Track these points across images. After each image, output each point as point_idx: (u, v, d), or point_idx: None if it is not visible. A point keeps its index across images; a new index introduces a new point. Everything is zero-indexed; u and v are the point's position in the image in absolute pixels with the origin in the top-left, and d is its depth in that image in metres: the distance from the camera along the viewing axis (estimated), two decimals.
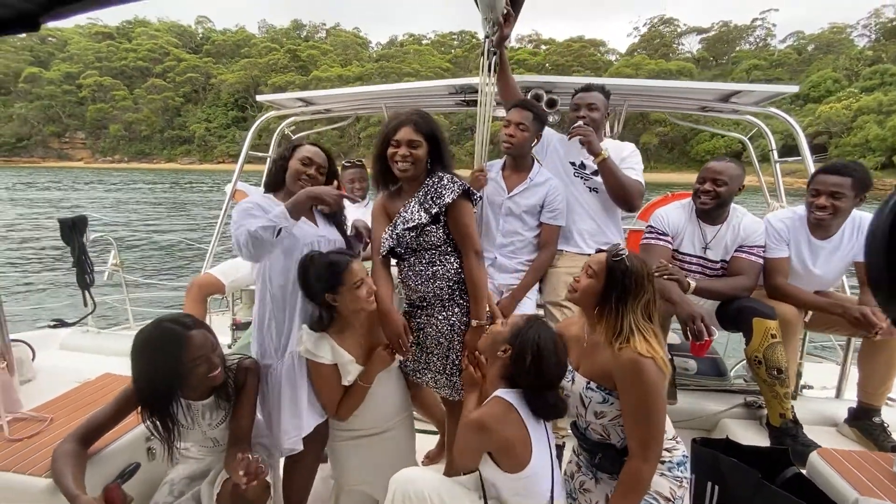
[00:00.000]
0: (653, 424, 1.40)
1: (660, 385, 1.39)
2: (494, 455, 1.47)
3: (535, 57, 75.53)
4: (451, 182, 1.79)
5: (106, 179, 44.50)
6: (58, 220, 3.49)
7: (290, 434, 1.81)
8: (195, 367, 1.57)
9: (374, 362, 1.82)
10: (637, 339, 1.41)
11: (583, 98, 2.45)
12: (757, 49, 71.05)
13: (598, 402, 1.51)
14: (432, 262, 1.84)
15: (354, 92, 3.36)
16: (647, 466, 1.41)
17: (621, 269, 1.45)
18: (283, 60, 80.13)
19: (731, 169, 2.25)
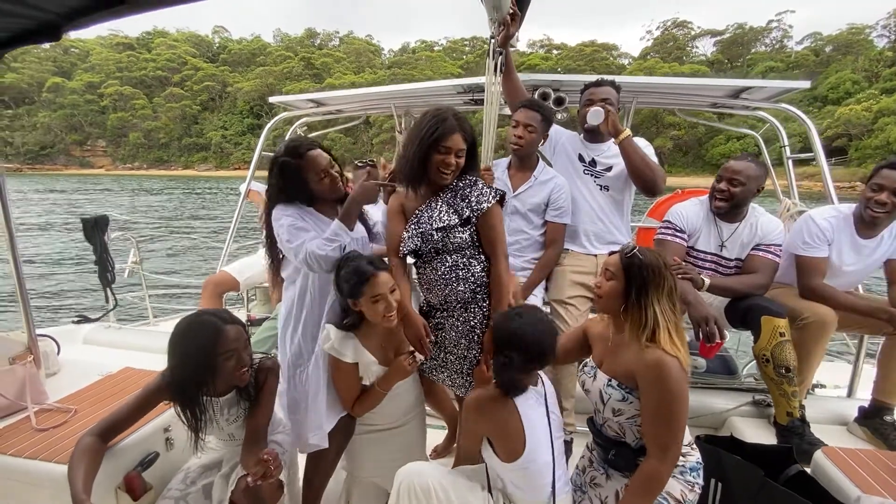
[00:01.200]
0: (674, 426, 1.39)
1: (683, 386, 1.38)
2: (491, 440, 1.51)
3: (546, 62, 75.41)
4: (488, 188, 1.81)
5: (125, 185, 45.58)
6: (80, 219, 3.61)
7: (316, 431, 1.84)
8: (226, 360, 1.61)
9: (393, 372, 1.82)
10: (663, 334, 1.41)
11: (595, 93, 2.46)
12: (773, 51, 69.95)
13: (617, 399, 1.50)
14: (455, 264, 1.83)
15: (364, 93, 3.43)
16: (665, 468, 1.40)
17: (637, 263, 1.46)
18: (298, 68, 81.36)
19: (751, 169, 2.21)
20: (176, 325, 1.64)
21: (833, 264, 2.30)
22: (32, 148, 77.32)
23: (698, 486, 1.48)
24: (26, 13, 1.48)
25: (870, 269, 2.32)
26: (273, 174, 1.84)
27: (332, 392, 1.88)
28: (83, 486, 1.45)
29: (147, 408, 1.69)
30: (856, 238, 2.27)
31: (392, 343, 1.88)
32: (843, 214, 2.30)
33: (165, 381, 1.66)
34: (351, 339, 1.77)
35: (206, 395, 1.71)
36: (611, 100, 2.41)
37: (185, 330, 1.62)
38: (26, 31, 1.62)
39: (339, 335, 1.76)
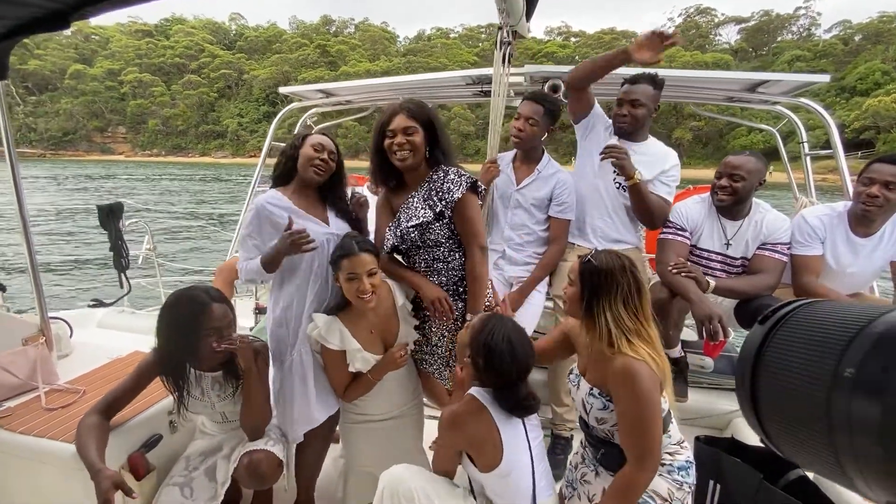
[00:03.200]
0: (648, 434, 1.35)
1: (654, 391, 1.35)
2: (469, 453, 1.51)
3: (564, 49, 74.08)
4: (458, 177, 1.78)
5: (142, 171, 46.41)
6: (96, 206, 3.69)
7: (301, 426, 1.89)
8: (206, 337, 1.67)
9: (385, 362, 1.85)
10: (620, 341, 1.38)
11: (627, 93, 2.35)
12: (800, 39, 67.65)
13: (598, 408, 1.49)
14: (436, 258, 1.85)
15: (373, 83, 3.42)
16: (643, 476, 1.37)
17: (589, 269, 1.45)
18: (313, 56, 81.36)
19: (750, 163, 2.16)
20: (168, 298, 1.71)
21: (830, 265, 2.23)
22: (55, 134, 79.01)
23: (687, 484, 1.47)
24: (35, 2, 1.50)
25: (874, 270, 2.25)
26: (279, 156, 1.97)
27: (319, 387, 1.90)
28: (98, 456, 1.52)
29: (141, 383, 1.74)
30: (851, 236, 2.19)
31: (381, 333, 1.89)
32: (837, 212, 2.23)
33: (155, 356, 1.72)
34: (336, 324, 1.79)
35: (193, 368, 1.77)
36: (641, 100, 2.31)
37: (174, 302, 1.68)
38: (35, 19, 1.64)
39: (326, 321, 1.79)
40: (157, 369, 1.74)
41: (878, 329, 0.44)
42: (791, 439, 0.48)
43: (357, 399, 1.93)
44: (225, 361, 1.79)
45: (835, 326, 0.49)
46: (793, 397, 0.46)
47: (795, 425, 0.47)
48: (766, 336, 0.50)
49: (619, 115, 2.37)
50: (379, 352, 1.88)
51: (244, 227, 1.88)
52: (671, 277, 2.16)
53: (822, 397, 0.45)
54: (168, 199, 25.48)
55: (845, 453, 0.44)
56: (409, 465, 1.60)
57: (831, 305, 0.51)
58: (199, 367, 1.80)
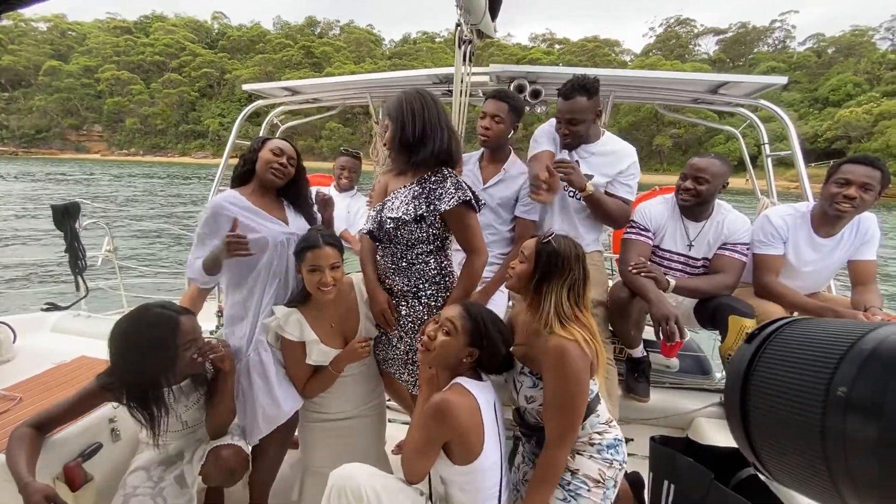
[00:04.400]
0: (573, 413, 1.41)
1: (583, 371, 1.40)
2: (450, 444, 1.45)
3: (548, 56, 74.98)
4: (455, 189, 1.71)
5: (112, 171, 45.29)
6: (50, 206, 3.54)
7: (266, 424, 1.84)
8: (185, 351, 1.63)
9: (346, 353, 1.84)
10: (556, 323, 1.43)
11: (563, 111, 2.27)
12: (775, 51, 69.73)
13: (528, 386, 1.54)
14: (404, 257, 1.80)
15: (340, 81, 3.36)
16: (561, 454, 1.43)
17: (548, 250, 1.48)
18: (297, 57, 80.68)
19: (714, 166, 2.18)
20: (120, 324, 1.61)
21: (791, 264, 2.26)
22: (28, 132, 76.50)
23: (617, 462, 1.50)
24: None
25: (833, 269, 2.29)
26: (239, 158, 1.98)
27: (284, 382, 1.86)
28: (27, 470, 1.44)
29: (83, 407, 1.66)
30: (813, 236, 2.23)
31: (342, 327, 1.87)
32: (800, 213, 2.27)
33: (105, 383, 1.62)
34: (296, 315, 1.79)
35: (166, 387, 1.70)
36: (577, 117, 2.22)
37: (137, 326, 1.60)
38: None
39: (285, 312, 1.79)
40: (110, 398, 1.66)
41: (867, 346, 0.42)
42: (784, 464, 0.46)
43: (317, 396, 1.90)
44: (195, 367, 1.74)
45: (823, 344, 0.47)
46: (785, 421, 0.47)
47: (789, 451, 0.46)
48: (754, 356, 0.48)
49: (563, 135, 2.32)
50: (338, 346, 1.86)
51: (200, 225, 1.83)
52: (631, 277, 2.16)
53: (816, 418, 0.43)
54: (145, 199, 24.88)
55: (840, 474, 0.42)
56: (361, 464, 1.54)
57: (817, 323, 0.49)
58: (172, 384, 1.73)
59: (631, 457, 2.41)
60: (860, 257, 2.18)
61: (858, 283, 2.19)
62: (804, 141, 47.28)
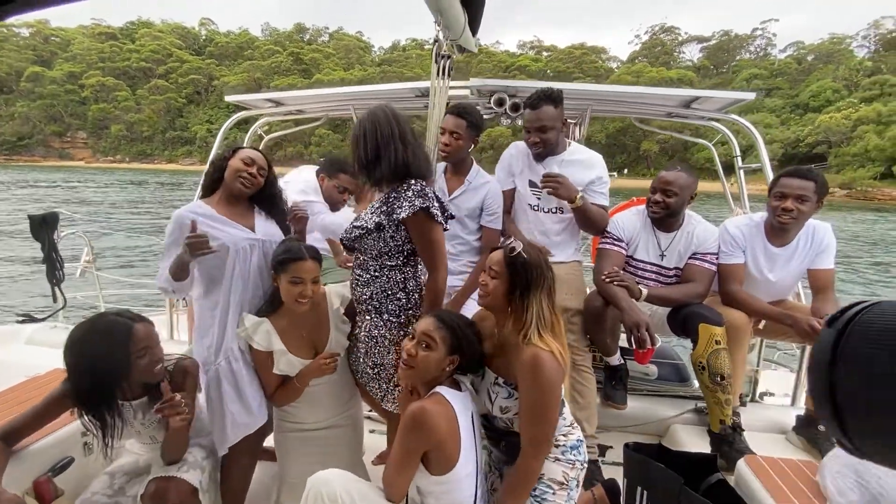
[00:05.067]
0: (547, 422, 1.44)
1: (557, 381, 1.42)
2: (428, 454, 1.45)
3: (536, 63, 75.80)
4: (415, 196, 1.68)
5: (99, 178, 44.62)
6: (28, 216, 3.50)
7: (237, 431, 1.83)
8: (139, 358, 1.59)
9: (311, 368, 1.83)
10: (534, 332, 1.44)
11: (531, 120, 2.33)
12: (757, 58, 71.33)
13: (503, 397, 1.54)
14: (369, 268, 1.79)
15: (323, 93, 3.38)
16: (538, 462, 1.46)
17: (521, 262, 1.48)
18: (286, 63, 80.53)
19: (682, 179, 2.25)
20: (74, 331, 1.59)
21: (752, 273, 2.33)
22: (9, 139, 75.30)
23: (579, 462, 1.55)
24: None
25: (794, 277, 2.36)
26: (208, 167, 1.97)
27: (255, 389, 1.86)
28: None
29: (48, 416, 1.65)
30: (768, 246, 2.31)
31: (314, 336, 1.87)
32: (755, 223, 2.34)
33: (67, 389, 1.61)
34: (265, 325, 1.79)
35: (121, 399, 1.68)
36: (545, 124, 2.28)
37: (90, 333, 1.57)
38: None
39: (254, 322, 1.78)
40: (70, 405, 1.64)
41: None
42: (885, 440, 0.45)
43: (289, 406, 1.90)
44: (150, 387, 1.71)
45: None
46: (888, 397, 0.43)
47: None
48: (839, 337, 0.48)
49: (532, 143, 2.37)
50: (308, 356, 1.86)
51: (166, 237, 1.83)
52: (604, 286, 2.20)
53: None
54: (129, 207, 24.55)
55: None
56: (339, 470, 1.54)
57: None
58: (128, 397, 1.71)
59: (608, 465, 2.46)
60: (817, 266, 2.26)
61: (817, 291, 2.26)
62: (786, 146, 48.67)
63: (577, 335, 2.35)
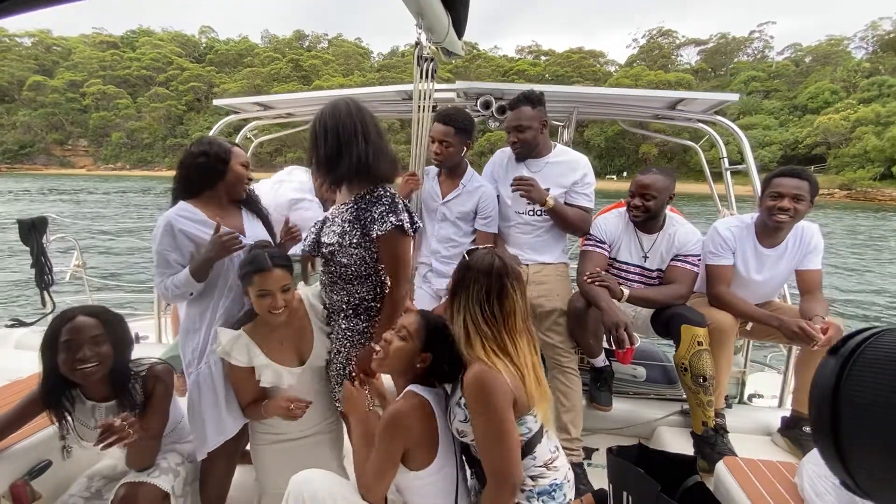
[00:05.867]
0: (499, 449, 1.28)
1: (502, 403, 1.27)
2: (407, 452, 1.43)
3: (534, 68, 76.09)
4: (388, 212, 1.62)
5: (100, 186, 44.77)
6: (17, 220, 3.51)
7: (214, 437, 1.81)
8: (63, 350, 1.54)
9: (277, 407, 1.73)
10: (476, 343, 1.33)
11: (510, 120, 2.39)
12: (755, 61, 71.47)
13: (460, 419, 1.41)
14: (340, 276, 1.75)
15: (312, 97, 3.39)
16: (503, 494, 1.31)
17: (462, 264, 1.41)
18: (286, 70, 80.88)
19: (659, 182, 2.26)
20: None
21: (741, 274, 2.32)
22: (11, 147, 75.49)
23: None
24: None
25: (781, 277, 2.35)
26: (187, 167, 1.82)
27: (232, 396, 1.84)
28: None
29: (26, 413, 1.65)
30: (758, 247, 2.30)
31: (296, 342, 1.84)
32: (746, 224, 2.34)
33: (39, 385, 1.62)
34: (242, 340, 1.72)
35: (87, 398, 1.67)
36: (524, 124, 2.32)
37: (49, 324, 1.60)
38: None
39: (230, 337, 1.71)
40: (42, 402, 1.64)
41: None
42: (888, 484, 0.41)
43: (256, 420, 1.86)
44: (118, 391, 1.68)
45: None
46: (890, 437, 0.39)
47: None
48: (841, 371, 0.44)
49: (511, 143, 2.42)
50: (293, 363, 1.82)
51: (157, 243, 1.75)
52: (586, 287, 2.20)
53: None
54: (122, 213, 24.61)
55: None
56: (321, 470, 1.53)
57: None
58: (87, 396, 1.70)
59: (594, 468, 2.44)
60: (805, 267, 2.25)
61: (805, 292, 2.25)
62: (785, 147, 48.61)
63: (562, 336, 2.35)
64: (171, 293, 1.74)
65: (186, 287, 1.72)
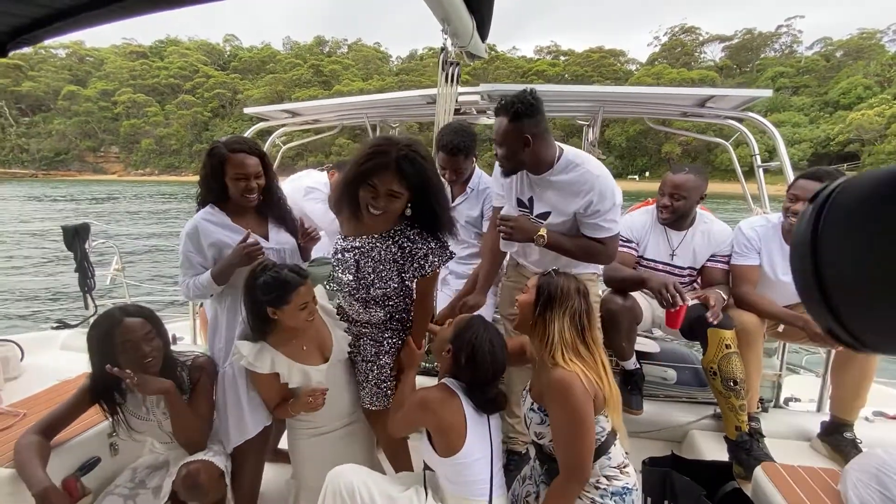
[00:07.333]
0: (576, 445, 1.40)
1: (584, 403, 1.39)
2: (432, 435, 1.55)
3: (553, 68, 75.52)
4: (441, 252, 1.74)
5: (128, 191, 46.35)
6: (61, 227, 3.67)
7: (235, 436, 1.88)
8: (125, 351, 1.66)
9: (300, 403, 1.80)
10: (558, 352, 1.44)
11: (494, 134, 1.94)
12: (782, 56, 69.40)
13: (536, 423, 1.54)
14: (376, 301, 1.82)
15: (338, 103, 3.45)
16: (571, 487, 1.42)
17: (548, 282, 1.54)
18: (307, 75, 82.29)
19: (690, 182, 2.24)
20: (91, 323, 1.73)
21: (767, 275, 2.27)
22: (47, 154, 79.00)
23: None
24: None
25: None
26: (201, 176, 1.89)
27: (252, 399, 1.89)
28: (43, 474, 1.53)
29: (78, 407, 1.74)
30: (785, 247, 2.25)
31: (317, 342, 1.88)
32: (772, 224, 2.29)
33: (89, 381, 1.72)
34: (266, 351, 1.75)
35: (124, 389, 1.76)
36: (498, 139, 1.86)
37: (94, 325, 1.70)
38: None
39: (252, 349, 1.73)
40: (91, 395, 1.74)
41: None
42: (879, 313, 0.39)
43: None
44: (169, 378, 1.77)
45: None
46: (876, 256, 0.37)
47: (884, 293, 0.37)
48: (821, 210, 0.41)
49: (495, 155, 1.99)
50: (317, 361, 1.86)
51: (183, 245, 1.85)
52: (619, 274, 2.18)
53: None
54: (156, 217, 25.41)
55: None
56: (356, 465, 1.61)
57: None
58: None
59: None
60: None
61: None
62: (816, 145, 47.03)
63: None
64: (192, 293, 1.86)
65: (207, 289, 1.83)
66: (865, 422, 2.39)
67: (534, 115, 1.78)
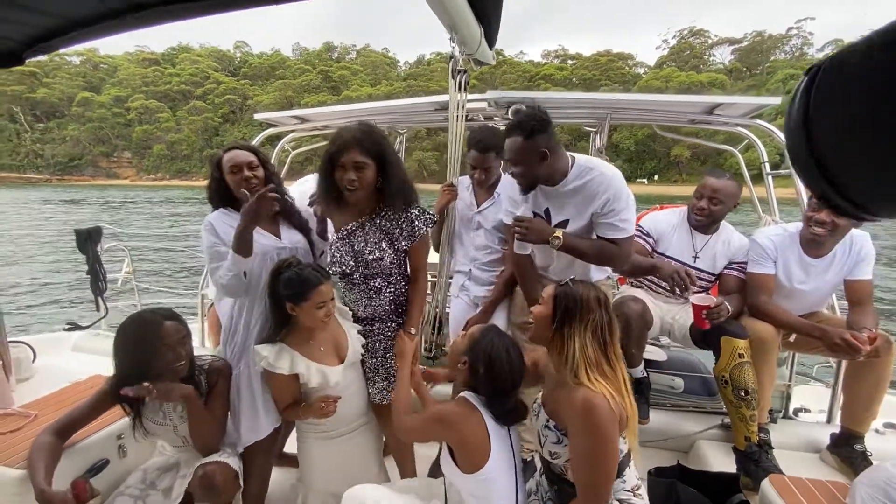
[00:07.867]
0: (600, 470, 1.32)
1: (610, 427, 1.31)
2: (454, 451, 1.49)
3: (561, 72, 75.51)
4: (423, 215, 1.88)
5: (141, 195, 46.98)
6: (74, 230, 3.73)
7: (248, 436, 1.91)
8: (163, 354, 1.70)
9: (312, 410, 1.82)
10: (582, 371, 1.35)
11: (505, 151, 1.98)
12: (793, 58, 68.78)
13: (552, 441, 1.45)
14: (373, 287, 1.90)
15: (346, 109, 3.48)
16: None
17: (566, 292, 1.44)
18: (316, 81, 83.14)
19: (729, 187, 2.26)
20: (122, 322, 1.74)
21: (782, 284, 2.25)
22: (62, 160, 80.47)
23: None
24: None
25: (828, 288, 2.26)
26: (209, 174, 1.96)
27: (265, 400, 1.92)
28: (44, 477, 1.55)
29: (97, 408, 1.77)
30: (803, 256, 2.22)
31: (333, 343, 1.90)
32: (789, 233, 2.26)
33: (112, 382, 1.74)
34: (286, 352, 1.78)
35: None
36: (511, 157, 1.92)
37: (127, 325, 1.72)
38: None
39: (272, 350, 1.76)
40: (113, 396, 1.75)
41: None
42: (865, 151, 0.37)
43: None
44: (186, 381, 1.80)
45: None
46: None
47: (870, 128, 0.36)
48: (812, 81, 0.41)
49: (511, 174, 2.06)
50: (334, 363, 1.88)
51: (205, 242, 1.86)
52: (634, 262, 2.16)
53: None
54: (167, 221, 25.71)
55: None
56: (374, 485, 1.62)
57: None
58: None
59: None
60: (855, 277, 2.15)
61: (854, 304, 2.16)
62: None
63: None
64: (226, 280, 1.76)
65: (235, 266, 1.74)
66: (876, 434, 2.35)
67: (546, 129, 1.86)
